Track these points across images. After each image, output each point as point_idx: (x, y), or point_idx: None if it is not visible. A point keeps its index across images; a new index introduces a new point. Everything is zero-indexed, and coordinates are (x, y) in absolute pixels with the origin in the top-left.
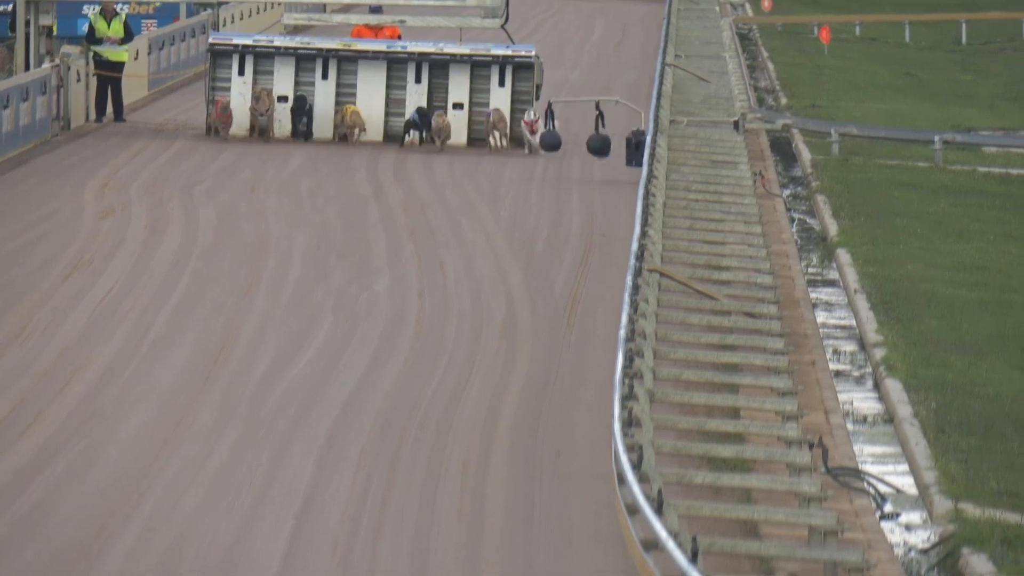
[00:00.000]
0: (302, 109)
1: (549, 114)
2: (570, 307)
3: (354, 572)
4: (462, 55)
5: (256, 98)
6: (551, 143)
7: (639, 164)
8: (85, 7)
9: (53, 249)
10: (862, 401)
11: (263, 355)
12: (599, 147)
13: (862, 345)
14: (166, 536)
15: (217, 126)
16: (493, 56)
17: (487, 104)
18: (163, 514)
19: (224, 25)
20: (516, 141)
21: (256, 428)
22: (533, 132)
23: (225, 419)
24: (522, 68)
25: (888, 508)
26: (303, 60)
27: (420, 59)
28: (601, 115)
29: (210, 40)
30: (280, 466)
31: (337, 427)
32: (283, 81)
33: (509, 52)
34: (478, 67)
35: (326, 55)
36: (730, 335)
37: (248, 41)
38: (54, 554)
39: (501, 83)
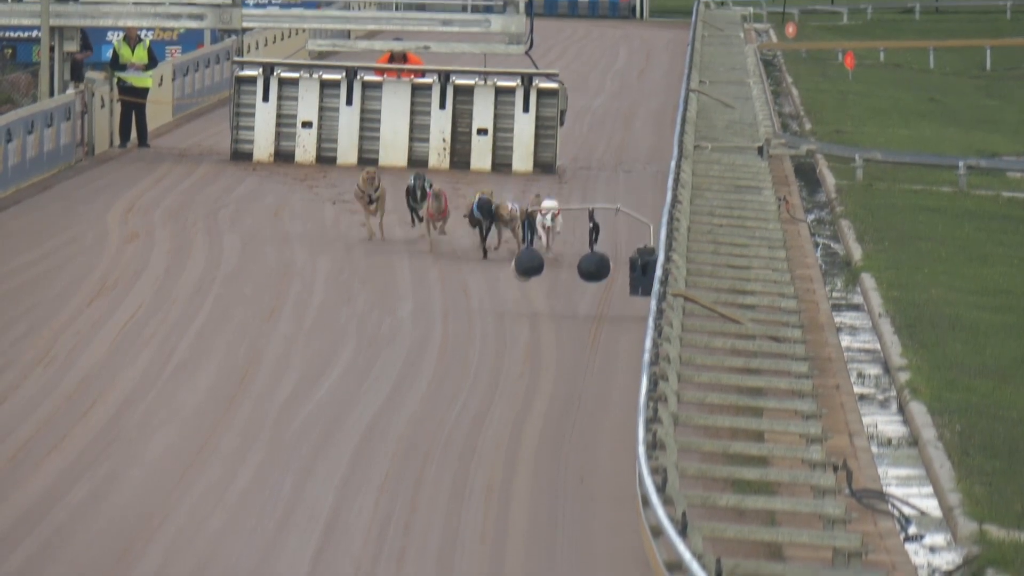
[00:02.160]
0: (415, 196)
1: (527, 225)
2: (594, 331)
3: None
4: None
5: (368, 180)
6: (527, 266)
7: (648, 292)
8: (109, 33)
9: (77, 273)
10: (886, 424)
11: (287, 379)
12: (593, 271)
13: (886, 368)
14: (189, 560)
15: (428, 220)
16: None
17: (511, 130)
18: (186, 538)
19: (248, 51)
20: (541, 167)
21: (280, 452)
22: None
23: (248, 443)
24: (546, 94)
25: (912, 530)
26: (327, 86)
27: (444, 84)
28: (596, 228)
29: (234, 66)
30: (303, 489)
31: (360, 451)
32: (307, 107)
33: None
34: (502, 92)
35: (351, 79)
36: (754, 359)
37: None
38: None
39: (526, 109)
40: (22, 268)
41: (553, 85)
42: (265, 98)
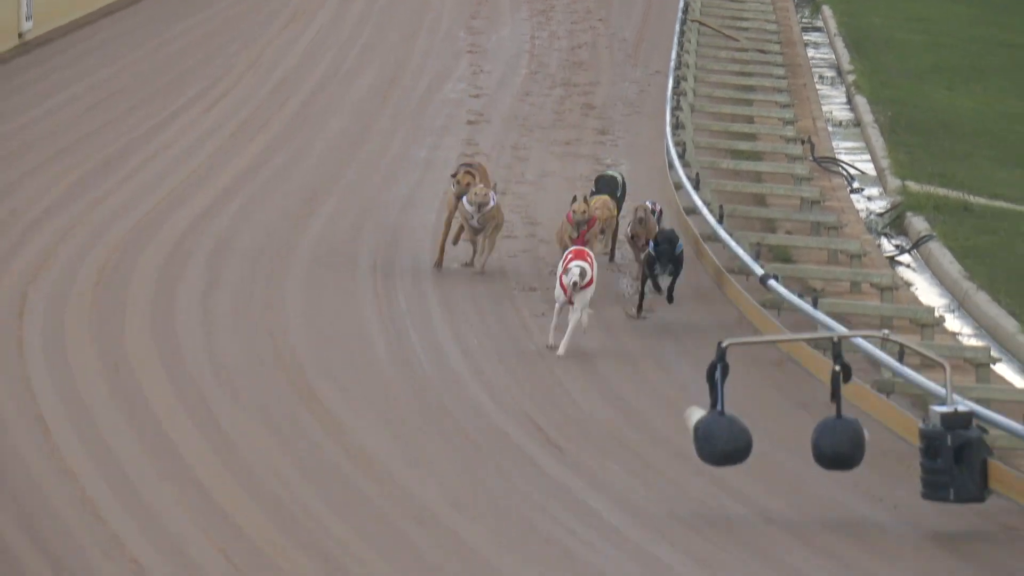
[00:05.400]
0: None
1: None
2: (636, 46)
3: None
4: None
5: (471, 188)
6: (725, 448)
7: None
8: None
9: (275, 6)
10: (839, 111)
11: (423, 80)
12: (846, 452)
13: (839, 72)
14: (355, 206)
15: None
16: None
17: None
18: (353, 191)
19: None
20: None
21: (417, 131)
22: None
23: (397, 125)
24: None
25: (855, 185)
26: None
27: None
28: (846, 370)
29: None
30: (435, 155)
31: (475, 127)
32: None
33: None
34: None
35: None
36: (748, 65)
37: None
38: (274, 220)
39: None
40: (233, 3)
41: None
42: None
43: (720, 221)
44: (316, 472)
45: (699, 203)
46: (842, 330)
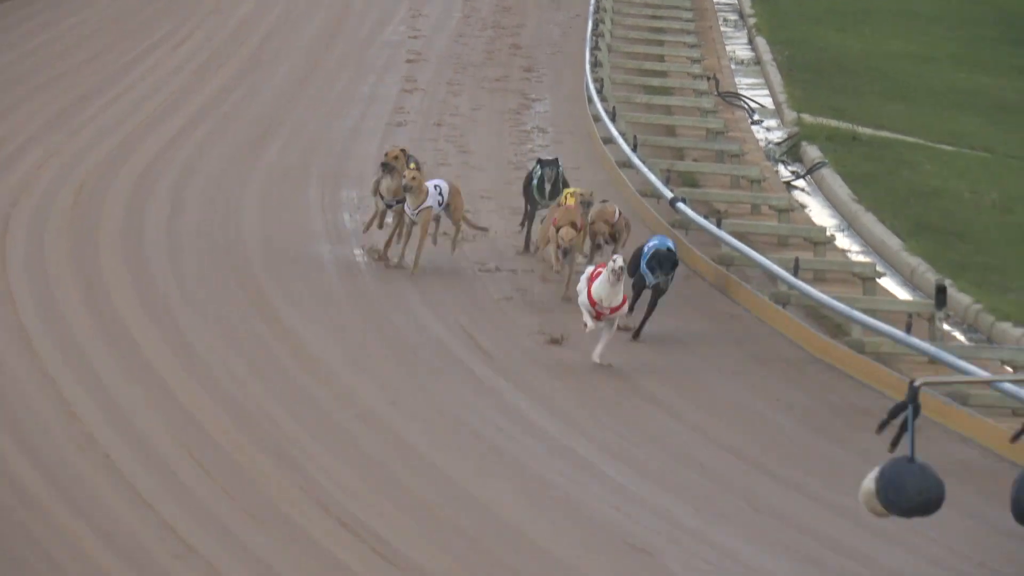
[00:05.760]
0: (542, 190)
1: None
2: None
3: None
4: None
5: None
6: (917, 499)
7: None
8: None
9: None
10: (741, 50)
11: (365, 25)
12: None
13: (741, 15)
14: (303, 140)
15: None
16: None
17: None
18: (302, 126)
19: None
20: None
21: (361, 69)
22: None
23: (342, 64)
24: None
25: (756, 117)
26: None
27: None
28: None
29: None
30: (377, 91)
31: (414, 65)
32: None
33: None
34: None
35: None
36: (659, 10)
37: None
38: (233, 148)
39: None
40: None
41: None
42: None
43: (634, 149)
44: (270, 375)
45: (615, 133)
46: None
